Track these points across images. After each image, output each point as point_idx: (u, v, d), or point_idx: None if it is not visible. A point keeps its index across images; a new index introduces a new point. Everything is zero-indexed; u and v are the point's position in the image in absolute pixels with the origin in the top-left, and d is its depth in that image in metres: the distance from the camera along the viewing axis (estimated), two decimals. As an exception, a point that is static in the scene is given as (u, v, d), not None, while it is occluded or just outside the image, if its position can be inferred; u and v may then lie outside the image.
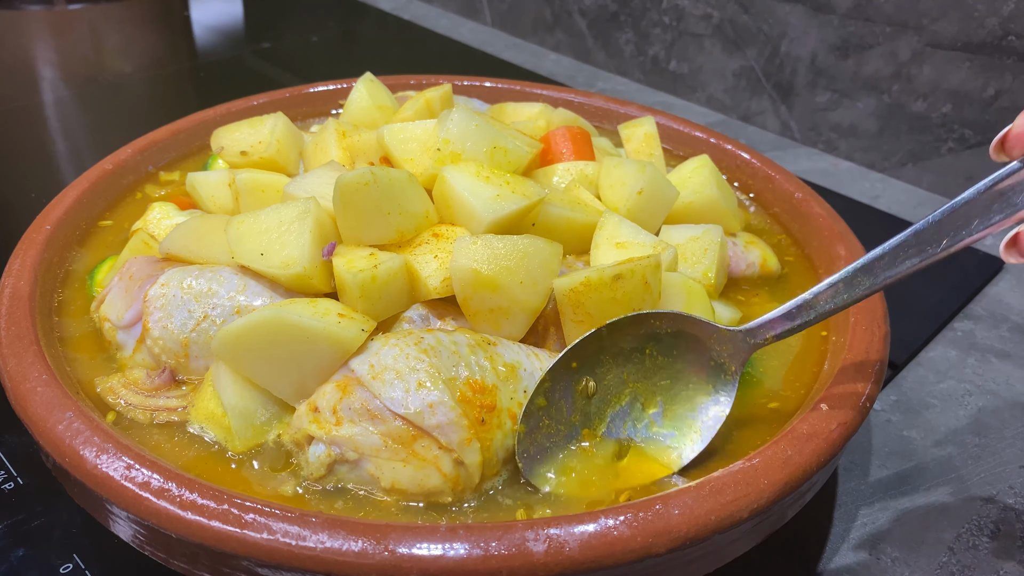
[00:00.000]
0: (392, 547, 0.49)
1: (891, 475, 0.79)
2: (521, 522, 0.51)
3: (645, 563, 0.51)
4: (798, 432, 0.59)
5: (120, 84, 1.63)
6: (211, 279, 0.68)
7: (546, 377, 0.62)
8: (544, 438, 0.62)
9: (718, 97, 1.59)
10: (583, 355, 0.64)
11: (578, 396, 0.64)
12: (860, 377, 0.65)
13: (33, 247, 0.77)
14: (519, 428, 0.61)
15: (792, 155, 1.45)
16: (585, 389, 0.64)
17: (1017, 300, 1.06)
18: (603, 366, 0.65)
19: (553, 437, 0.63)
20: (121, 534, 0.58)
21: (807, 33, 1.41)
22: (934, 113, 1.30)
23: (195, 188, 0.87)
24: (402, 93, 1.11)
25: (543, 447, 0.62)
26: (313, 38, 1.91)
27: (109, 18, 1.99)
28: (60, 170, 1.32)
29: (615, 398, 0.65)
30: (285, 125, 0.91)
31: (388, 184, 0.68)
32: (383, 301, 0.66)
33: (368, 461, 0.59)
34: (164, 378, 0.68)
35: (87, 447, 0.55)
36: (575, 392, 0.64)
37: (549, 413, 0.63)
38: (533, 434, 0.62)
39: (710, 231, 0.80)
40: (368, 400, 0.59)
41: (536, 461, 0.62)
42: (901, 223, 1.21)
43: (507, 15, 1.95)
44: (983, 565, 0.70)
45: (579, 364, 0.64)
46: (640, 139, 0.97)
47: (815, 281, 0.85)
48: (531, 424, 0.62)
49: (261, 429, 0.64)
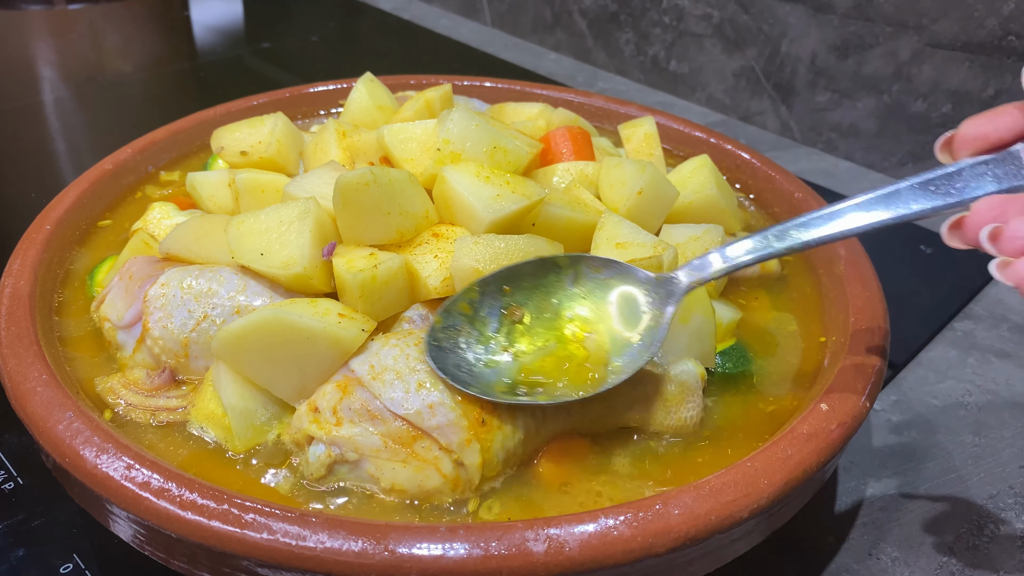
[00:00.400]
0: (392, 547, 0.49)
1: (891, 475, 0.79)
2: (521, 522, 0.51)
3: (645, 563, 0.51)
4: (798, 432, 0.59)
5: (120, 84, 1.63)
6: (211, 279, 0.68)
7: (475, 287, 0.64)
8: (462, 341, 0.63)
9: (718, 97, 1.59)
10: (518, 284, 0.65)
11: (504, 319, 0.65)
12: (860, 377, 0.65)
13: (33, 247, 0.77)
14: (436, 320, 0.63)
15: (792, 155, 1.45)
16: (512, 315, 0.65)
17: (1017, 300, 1.06)
18: (535, 300, 0.66)
19: (470, 344, 0.64)
20: (121, 534, 0.58)
21: (807, 33, 1.41)
22: (934, 113, 1.30)
23: (195, 188, 0.87)
24: (402, 93, 1.11)
25: (457, 346, 0.63)
26: (313, 38, 1.91)
27: (109, 18, 1.99)
28: (60, 170, 1.32)
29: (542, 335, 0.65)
30: (285, 125, 0.91)
31: (388, 184, 0.68)
32: (383, 301, 0.66)
33: (368, 461, 0.59)
34: (164, 378, 0.68)
35: (87, 447, 0.55)
36: (500, 315, 0.65)
37: (471, 321, 0.64)
38: (448, 331, 0.63)
39: (710, 231, 0.80)
40: (368, 400, 0.59)
41: (444, 352, 0.62)
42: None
43: (507, 15, 1.95)
44: (983, 565, 0.70)
45: (512, 290, 0.65)
46: (640, 139, 0.97)
47: (815, 281, 0.85)
48: (448, 322, 0.63)
49: (261, 429, 0.64)
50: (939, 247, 1.15)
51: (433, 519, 0.59)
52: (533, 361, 0.63)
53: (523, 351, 0.64)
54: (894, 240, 1.16)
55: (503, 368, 0.63)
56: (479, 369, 0.62)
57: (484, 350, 0.64)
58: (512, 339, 0.64)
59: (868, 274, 0.78)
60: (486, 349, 0.64)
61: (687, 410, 0.67)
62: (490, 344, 0.64)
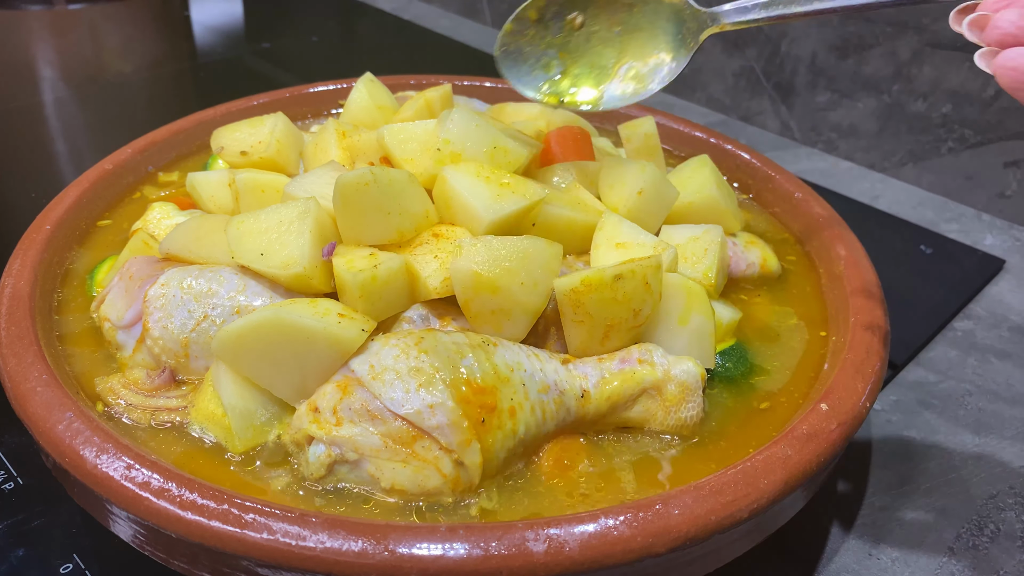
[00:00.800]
0: (392, 547, 0.49)
1: (891, 475, 0.79)
2: (521, 522, 0.51)
3: (645, 563, 0.51)
4: (798, 432, 0.59)
5: (120, 84, 1.63)
6: (211, 279, 0.68)
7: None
8: (526, 43, 0.71)
9: (718, 97, 1.59)
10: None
11: (566, 24, 0.72)
12: (860, 377, 0.65)
13: (33, 247, 0.77)
14: (506, 26, 0.71)
15: (792, 155, 1.45)
16: (572, 22, 0.71)
17: (1017, 300, 1.06)
18: (595, 8, 0.73)
19: (533, 48, 0.72)
20: (121, 534, 0.58)
21: (807, 33, 1.41)
22: (934, 113, 1.30)
23: (195, 188, 0.87)
24: (402, 93, 1.11)
25: (520, 50, 0.71)
26: (313, 38, 1.91)
27: (109, 18, 1.99)
28: (60, 170, 1.32)
29: (596, 46, 0.73)
30: (285, 125, 0.91)
31: (388, 184, 0.68)
32: (383, 301, 0.66)
33: (368, 461, 0.59)
34: (164, 378, 0.68)
35: (87, 447, 0.55)
36: (564, 21, 0.72)
37: (537, 27, 0.71)
38: (516, 36, 0.71)
39: (710, 231, 0.80)
40: (368, 400, 0.59)
41: (510, 57, 0.71)
42: (901, 223, 1.21)
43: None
44: (983, 565, 0.70)
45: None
46: (640, 139, 0.97)
47: (815, 280, 0.85)
48: (517, 27, 0.71)
49: (261, 429, 0.64)
50: (939, 247, 1.15)
51: (433, 519, 0.59)
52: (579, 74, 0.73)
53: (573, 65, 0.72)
54: (894, 240, 1.16)
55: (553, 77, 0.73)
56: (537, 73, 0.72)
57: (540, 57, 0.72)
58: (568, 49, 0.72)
59: (868, 274, 0.78)
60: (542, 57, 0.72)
61: (687, 410, 0.67)
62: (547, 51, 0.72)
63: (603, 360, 0.68)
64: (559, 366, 0.66)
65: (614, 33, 0.73)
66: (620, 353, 0.68)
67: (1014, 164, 1.23)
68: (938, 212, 1.28)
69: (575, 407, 0.65)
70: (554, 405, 0.64)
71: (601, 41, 0.74)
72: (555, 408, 0.64)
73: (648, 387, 0.66)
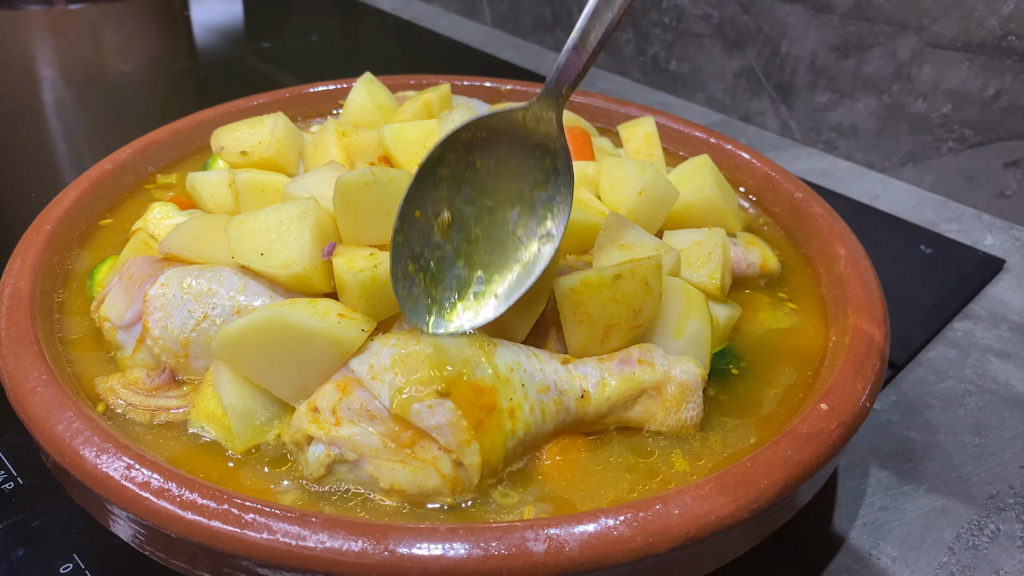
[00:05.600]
0: (392, 547, 0.49)
1: (891, 475, 0.79)
2: (521, 522, 0.51)
3: (645, 563, 0.51)
4: (798, 432, 0.59)
5: (120, 84, 1.63)
6: (211, 279, 0.68)
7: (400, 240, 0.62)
8: (430, 287, 0.63)
9: (718, 97, 1.59)
10: (422, 201, 0.63)
11: (436, 236, 0.64)
12: (860, 377, 0.65)
13: (33, 247, 0.77)
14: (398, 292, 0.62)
15: (792, 155, 1.45)
16: (442, 224, 0.64)
17: (1017, 300, 1.06)
18: (447, 198, 0.64)
19: (437, 283, 0.63)
20: (121, 534, 0.58)
21: (807, 33, 1.41)
22: (934, 113, 1.30)
23: (195, 188, 0.87)
24: (402, 93, 1.11)
25: (432, 296, 0.63)
26: (313, 38, 1.91)
27: (109, 18, 1.99)
28: (60, 170, 1.32)
29: (477, 220, 0.65)
30: (285, 125, 0.91)
31: (388, 184, 0.68)
32: (383, 301, 0.66)
33: (367, 462, 0.59)
34: (164, 378, 0.68)
35: (87, 447, 0.55)
36: (432, 238, 0.63)
37: (420, 265, 0.63)
38: (414, 291, 0.62)
39: (713, 234, 0.79)
40: (368, 400, 0.59)
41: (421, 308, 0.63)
42: (901, 223, 1.21)
43: (507, 15, 1.95)
44: (983, 565, 0.70)
45: (421, 211, 0.63)
46: (640, 139, 0.97)
47: (815, 281, 0.85)
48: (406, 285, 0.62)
49: (261, 429, 0.64)
50: (939, 247, 1.15)
51: (433, 519, 0.59)
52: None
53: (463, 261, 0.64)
54: (894, 240, 1.16)
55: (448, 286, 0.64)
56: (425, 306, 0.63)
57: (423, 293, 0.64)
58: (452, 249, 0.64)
59: (868, 274, 0.78)
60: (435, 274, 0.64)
61: (687, 410, 0.67)
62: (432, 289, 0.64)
63: (603, 360, 0.68)
64: (559, 366, 0.66)
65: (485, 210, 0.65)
66: (620, 353, 0.68)
67: (1014, 164, 1.23)
68: (938, 212, 1.28)
69: (575, 407, 0.65)
70: (554, 405, 0.64)
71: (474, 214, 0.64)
72: (555, 408, 0.64)
73: (648, 387, 0.66)
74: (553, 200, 0.66)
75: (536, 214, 0.66)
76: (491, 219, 0.65)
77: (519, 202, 0.66)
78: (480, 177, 0.65)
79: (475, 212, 0.65)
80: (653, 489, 0.62)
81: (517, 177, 0.66)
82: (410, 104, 0.91)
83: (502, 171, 0.65)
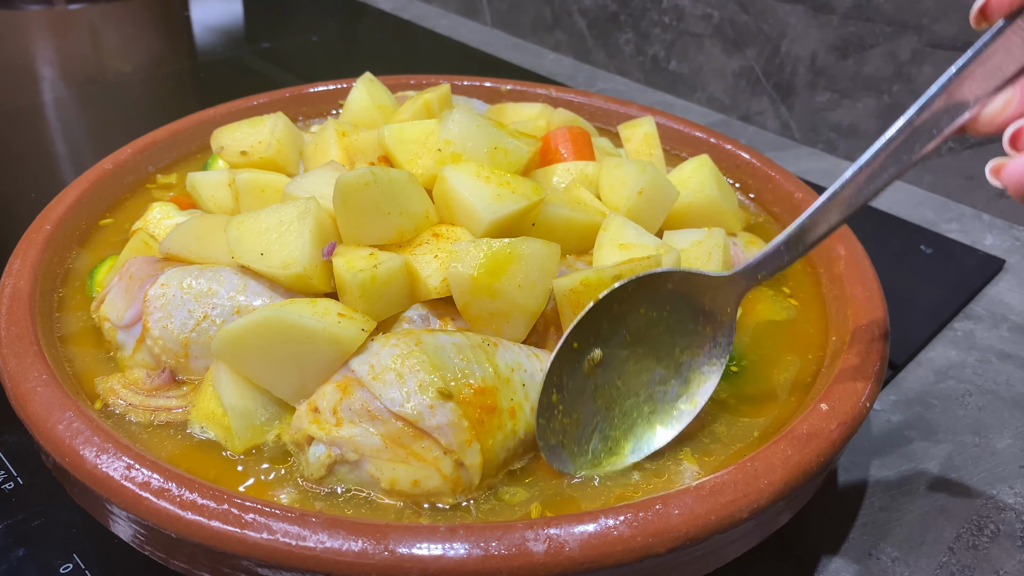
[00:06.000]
0: (392, 547, 0.49)
1: (891, 475, 0.79)
2: (521, 522, 0.51)
3: (645, 563, 0.51)
4: (798, 432, 0.59)
5: (120, 84, 1.63)
6: (211, 279, 0.68)
7: (553, 368, 0.62)
8: (567, 424, 0.63)
9: (718, 97, 1.59)
10: (582, 334, 0.63)
11: (586, 373, 0.64)
12: (860, 377, 0.65)
13: (33, 247, 0.77)
14: (539, 420, 0.61)
15: (792, 155, 1.45)
16: (592, 360, 0.64)
17: (1017, 300, 1.06)
18: (603, 336, 0.64)
19: (573, 423, 0.63)
20: (121, 534, 0.58)
21: (807, 33, 1.41)
22: (934, 113, 1.30)
23: (195, 188, 0.87)
24: (402, 93, 1.11)
25: (566, 432, 0.63)
26: (313, 38, 1.91)
27: (109, 18, 1.99)
28: (60, 170, 1.32)
29: (623, 365, 0.65)
30: (285, 125, 0.91)
31: (388, 184, 0.68)
32: (383, 301, 0.66)
33: (368, 462, 0.59)
34: (164, 378, 0.68)
35: (87, 447, 0.55)
36: (583, 372, 0.64)
37: (564, 400, 0.63)
38: (552, 424, 0.62)
39: (714, 234, 0.79)
40: (368, 401, 0.59)
41: (562, 448, 0.63)
42: (901, 223, 1.21)
43: (507, 15, 1.95)
44: (983, 565, 0.70)
45: (580, 343, 0.63)
46: (640, 139, 0.97)
47: (815, 280, 0.85)
48: (547, 416, 0.62)
49: (261, 429, 0.64)
50: (939, 247, 1.15)
51: (433, 519, 0.59)
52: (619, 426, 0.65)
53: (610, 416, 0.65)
54: (894, 240, 1.16)
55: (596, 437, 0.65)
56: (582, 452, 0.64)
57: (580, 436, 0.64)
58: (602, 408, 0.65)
59: (868, 274, 0.78)
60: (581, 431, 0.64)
61: (687, 410, 0.67)
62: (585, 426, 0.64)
63: (603, 360, 0.67)
64: (559, 366, 0.66)
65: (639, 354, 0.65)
66: (620, 353, 0.68)
67: (1014, 164, 1.23)
68: (938, 212, 1.28)
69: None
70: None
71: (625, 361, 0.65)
72: (555, 408, 0.64)
73: (648, 387, 0.66)
74: (702, 367, 0.67)
75: (681, 376, 0.66)
76: (636, 366, 0.65)
77: (667, 358, 0.66)
78: (641, 323, 0.65)
79: (625, 356, 0.65)
80: (659, 488, 0.62)
81: (673, 332, 0.66)
82: (410, 104, 0.91)
83: (661, 323, 0.65)
